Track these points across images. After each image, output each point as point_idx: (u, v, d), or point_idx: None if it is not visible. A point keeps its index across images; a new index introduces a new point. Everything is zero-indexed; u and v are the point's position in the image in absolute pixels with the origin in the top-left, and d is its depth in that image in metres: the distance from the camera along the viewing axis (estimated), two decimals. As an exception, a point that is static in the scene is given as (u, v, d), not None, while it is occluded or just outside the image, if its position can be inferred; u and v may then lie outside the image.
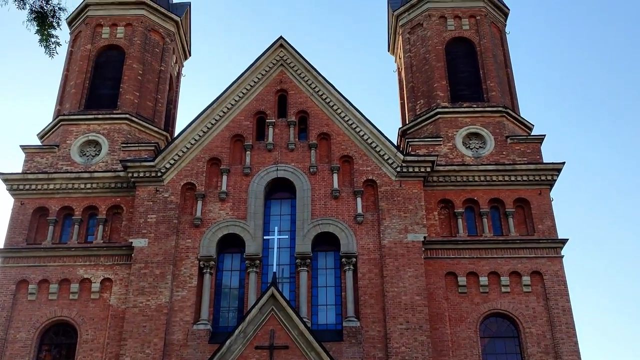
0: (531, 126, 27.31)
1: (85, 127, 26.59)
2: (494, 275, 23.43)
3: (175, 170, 24.98)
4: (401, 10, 30.50)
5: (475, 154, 25.76)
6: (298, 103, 26.43)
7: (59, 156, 25.92)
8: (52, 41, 12.95)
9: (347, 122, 25.65)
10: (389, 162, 24.72)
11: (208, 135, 25.69)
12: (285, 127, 26.05)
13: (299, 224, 23.95)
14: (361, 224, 23.83)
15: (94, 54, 28.69)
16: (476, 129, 26.28)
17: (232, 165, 25.24)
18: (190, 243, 23.71)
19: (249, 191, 24.59)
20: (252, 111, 26.33)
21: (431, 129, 26.72)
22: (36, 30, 12.72)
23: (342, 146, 25.38)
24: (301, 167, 25.06)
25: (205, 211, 24.32)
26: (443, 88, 27.50)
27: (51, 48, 13.00)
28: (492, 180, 24.99)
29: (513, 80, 29.06)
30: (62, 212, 25.07)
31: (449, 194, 24.95)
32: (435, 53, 28.38)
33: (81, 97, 27.52)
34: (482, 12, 29.39)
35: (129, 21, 29.28)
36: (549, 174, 24.99)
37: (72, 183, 25.13)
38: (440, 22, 29.21)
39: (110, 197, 25.17)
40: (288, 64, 27.03)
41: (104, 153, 26.00)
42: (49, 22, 12.65)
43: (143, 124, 27.11)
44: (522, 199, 24.84)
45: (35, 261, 23.90)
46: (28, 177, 25.15)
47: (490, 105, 26.86)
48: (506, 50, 29.67)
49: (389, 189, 24.37)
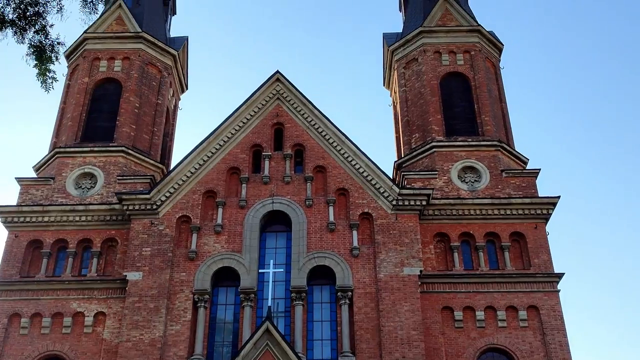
0: (526, 160, 27.45)
1: (81, 160, 26.60)
2: (491, 309, 23.30)
3: (170, 203, 24.95)
4: (396, 45, 30.87)
5: (471, 187, 25.82)
6: (294, 136, 26.55)
7: (55, 188, 25.88)
8: (49, 76, 13.04)
9: (343, 155, 25.75)
10: (384, 195, 24.75)
11: (204, 168, 25.73)
12: (281, 160, 26.13)
13: (295, 257, 23.86)
14: (357, 257, 23.76)
15: (91, 87, 28.85)
16: (471, 162, 26.39)
17: (228, 198, 25.23)
18: (184, 276, 23.55)
19: (245, 224, 24.54)
20: (248, 144, 26.42)
21: (426, 162, 26.82)
22: (34, 64, 12.81)
23: (338, 179, 25.43)
24: (297, 200, 25.06)
25: (200, 244, 24.22)
26: (438, 122, 27.69)
27: (48, 83, 13.08)
28: (488, 214, 25.02)
29: (507, 115, 29.29)
30: (56, 245, 24.94)
31: (444, 228, 24.94)
32: (430, 87, 28.64)
33: (77, 130, 27.60)
34: (477, 47, 29.75)
35: (127, 55, 29.53)
36: (544, 208, 25.03)
37: (67, 215, 25.06)
38: (435, 57, 29.54)
39: (105, 229, 25.08)
40: (284, 98, 27.23)
41: (99, 185, 25.98)
42: (47, 56, 12.75)
43: (139, 156, 27.15)
44: (518, 233, 24.84)
45: (28, 294, 23.68)
46: (23, 209, 25.06)
47: (485, 139, 27.02)
48: (500, 85, 29.97)
49: (384, 222, 24.36)
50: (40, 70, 12.92)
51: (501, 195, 25.44)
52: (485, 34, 30.35)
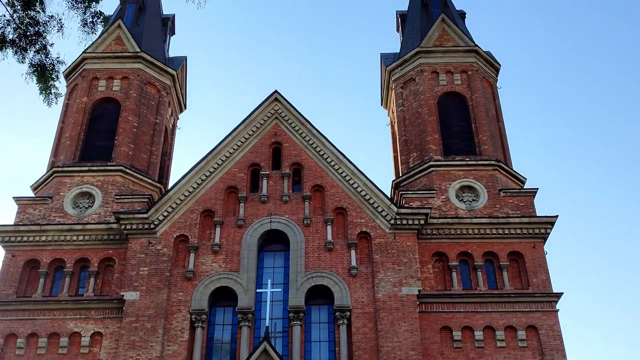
0: (524, 179, 27.50)
1: (79, 179, 26.59)
2: (489, 329, 23.19)
3: (168, 222, 24.90)
4: (394, 65, 31.05)
5: (469, 207, 25.84)
6: (292, 155, 26.60)
7: (52, 208, 25.84)
8: (53, 92, 13.12)
9: (341, 174, 25.78)
10: (382, 214, 24.74)
11: (202, 187, 25.73)
12: (279, 179, 26.15)
13: (293, 276, 23.77)
14: (355, 276, 23.68)
15: (89, 107, 28.93)
16: (469, 182, 26.43)
17: (226, 217, 25.19)
18: (182, 296, 23.44)
19: (242, 243, 24.48)
20: (246, 163, 26.46)
21: (424, 181, 26.86)
22: (36, 83, 12.88)
23: (336, 198, 25.43)
24: (295, 219, 25.04)
25: (198, 264, 24.14)
26: (436, 141, 27.78)
27: (51, 98, 13.15)
28: (486, 233, 25.00)
29: (505, 134, 29.41)
30: (53, 265, 24.84)
31: (443, 247, 24.91)
32: (428, 107, 28.76)
33: (76, 149, 27.62)
34: (474, 67, 29.94)
35: (126, 74, 29.65)
36: (542, 227, 25.03)
37: (65, 235, 24.98)
38: (433, 77, 29.71)
39: (102, 249, 24.99)
40: (282, 117, 27.33)
41: (97, 205, 25.94)
42: (48, 74, 12.82)
43: (137, 175, 27.15)
44: (516, 253, 24.80)
45: (25, 314, 23.53)
46: (20, 228, 25.00)
47: (483, 158, 27.09)
48: (498, 105, 30.12)
49: (383, 241, 24.32)
50: (42, 88, 12.99)
51: (499, 215, 25.45)
52: (482, 54, 30.57)
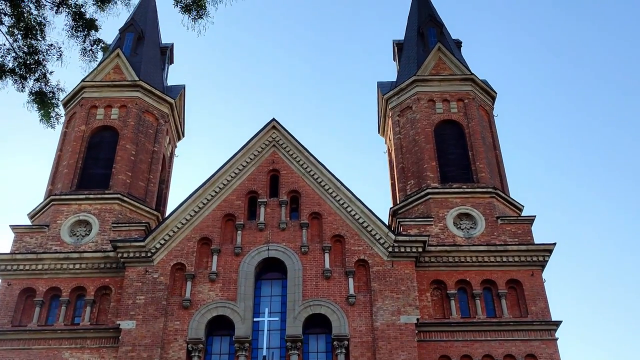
0: (521, 207, 27.53)
1: (76, 207, 26.54)
2: (488, 358, 23.02)
3: (165, 251, 24.81)
4: (391, 94, 31.27)
5: (467, 234, 25.81)
6: (290, 183, 26.62)
7: (49, 236, 25.74)
8: (53, 116, 13.20)
9: (338, 201, 25.79)
10: (380, 242, 24.69)
11: (199, 214, 25.69)
12: (277, 206, 26.12)
13: (290, 305, 23.62)
14: (353, 305, 23.53)
15: (87, 135, 28.99)
16: (466, 209, 26.45)
17: (223, 245, 25.11)
18: (178, 325, 23.24)
19: (240, 271, 24.36)
20: (244, 191, 26.46)
21: (422, 209, 26.86)
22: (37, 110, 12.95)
23: (334, 226, 25.39)
24: (292, 247, 24.96)
25: (195, 292, 23.98)
26: (433, 169, 27.85)
27: (52, 121, 13.23)
28: (484, 261, 24.95)
29: (502, 162, 29.50)
30: (49, 293, 24.66)
31: (441, 275, 24.83)
32: (425, 135, 28.89)
33: (73, 177, 27.60)
34: (470, 96, 30.15)
35: (124, 103, 29.79)
36: (540, 254, 24.99)
37: (61, 263, 24.85)
38: (429, 105, 29.90)
39: (99, 277, 24.85)
40: (280, 145, 27.41)
41: (94, 233, 25.85)
42: (49, 102, 12.89)
43: (134, 203, 27.12)
44: (515, 280, 24.73)
45: (20, 344, 23.28)
46: (16, 257, 24.86)
47: (480, 186, 27.14)
48: (494, 132, 30.27)
49: (380, 269, 24.23)
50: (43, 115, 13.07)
51: (497, 242, 25.42)
52: (478, 82, 30.82)
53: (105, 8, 12.84)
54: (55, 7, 12.78)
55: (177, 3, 12.57)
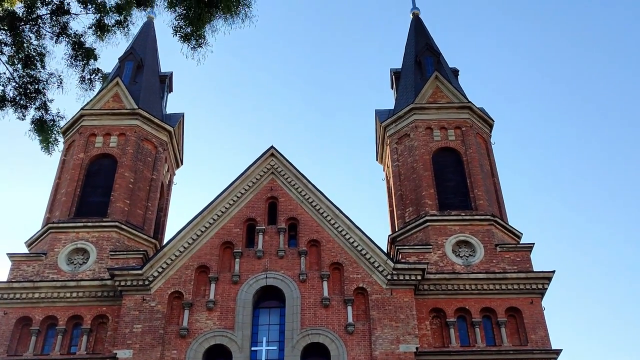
0: (520, 234, 27.49)
1: (74, 235, 26.47)
2: (489, 387, 22.80)
3: (163, 279, 24.68)
4: (389, 121, 31.43)
5: (466, 262, 25.74)
6: (288, 210, 26.60)
7: (46, 264, 25.63)
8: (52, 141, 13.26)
9: (337, 229, 25.75)
10: (379, 269, 24.59)
11: (197, 242, 25.61)
12: (275, 234, 26.07)
13: (288, 334, 23.44)
14: (352, 333, 23.35)
15: (86, 163, 29.03)
16: (465, 237, 26.41)
17: (221, 273, 24.99)
18: (176, 354, 23.02)
19: (237, 300, 24.22)
20: (242, 218, 26.42)
21: (421, 236, 26.82)
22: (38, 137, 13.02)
23: (332, 253, 25.32)
24: (291, 275, 24.85)
25: (192, 321, 23.80)
26: (431, 196, 27.87)
27: (50, 147, 13.29)
28: (483, 289, 24.84)
29: (500, 189, 29.54)
30: (45, 322, 24.47)
31: (440, 303, 24.69)
32: (423, 162, 28.97)
33: (71, 205, 27.57)
34: (467, 123, 30.31)
35: (123, 131, 29.88)
36: (539, 282, 24.89)
37: (58, 292, 24.71)
38: (427, 133, 30.04)
39: (96, 306, 24.69)
40: (279, 172, 27.46)
41: (91, 261, 25.75)
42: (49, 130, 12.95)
43: (132, 231, 27.06)
44: (514, 308, 24.60)
45: (15, 374, 23.03)
46: (13, 285, 24.73)
47: (479, 213, 27.14)
48: (492, 160, 30.37)
49: (379, 297, 24.10)
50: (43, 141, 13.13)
51: (496, 270, 25.34)
52: (475, 110, 31.01)
53: (104, 38, 12.95)
54: (55, 37, 12.90)
55: (176, 32, 12.68)
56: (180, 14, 12.40)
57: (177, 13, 12.41)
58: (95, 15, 12.80)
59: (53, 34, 12.87)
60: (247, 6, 12.31)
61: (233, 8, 12.09)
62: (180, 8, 12.27)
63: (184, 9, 12.28)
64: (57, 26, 12.82)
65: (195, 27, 12.44)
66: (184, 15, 12.38)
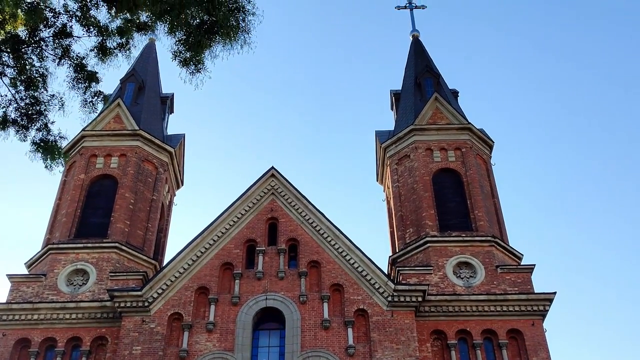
0: (520, 255, 27.43)
1: (74, 256, 26.41)
2: (490, 410, 22.59)
3: (162, 300, 24.59)
4: (389, 142, 31.52)
5: (466, 283, 25.66)
6: (288, 231, 26.57)
7: (46, 285, 25.54)
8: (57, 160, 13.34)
9: (337, 250, 25.70)
10: (379, 291, 24.50)
11: (197, 263, 25.55)
12: (275, 255, 26.01)
13: (288, 356, 23.27)
14: (352, 356, 23.19)
15: (87, 183, 29.06)
16: (466, 258, 26.35)
17: (221, 295, 24.90)
18: (175, 376, 22.85)
19: (237, 321, 24.10)
20: (242, 239, 26.38)
21: (421, 257, 26.76)
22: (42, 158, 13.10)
23: (333, 274, 25.24)
24: (291, 296, 24.74)
25: (192, 343, 23.66)
26: (432, 217, 27.85)
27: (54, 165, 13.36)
28: (484, 310, 24.73)
29: (500, 210, 29.52)
30: (44, 344, 24.32)
31: (441, 325, 24.57)
32: (423, 183, 29.00)
33: (71, 226, 27.55)
34: (467, 144, 30.38)
35: (124, 152, 29.96)
36: (540, 304, 24.79)
37: (57, 313, 24.60)
38: (427, 154, 30.11)
39: (95, 327, 24.57)
40: (279, 193, 27.47)
41: (91, 282, 25.67)
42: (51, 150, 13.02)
43: (132, 252, 27.02)
44: (516, 330, 24.46)
45: (13, 396, 22.85)
46: (12, 307, 24.62)
47: (479, 234, 27.10)
48: (492, 181, 30.39)
49: (380, 319, 23.98)
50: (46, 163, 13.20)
51: (497, 291, 25.24)
52: (475, 131, 31.10)
53: (106, 60, 13.06)
54: (57, 59, 13.01)
55: (176, 57, 12.78)
56: (180, 39, 12.50)
57: (177, 38, 12.52)
58: (97, 38, 12.92)
59: (55, 57, 12.99)
60: (246, 32, 12.41)
61: (232, 34, 12.18)
62: (180, 33, 12.37)
63: (184, 34, 12.38)
64: (59, 49, 12.95)
65: (195, 53, 12.53)
66: (184, 41, 12.48)
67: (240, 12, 12.16)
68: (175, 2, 11.51)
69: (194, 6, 11.72)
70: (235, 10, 12.10)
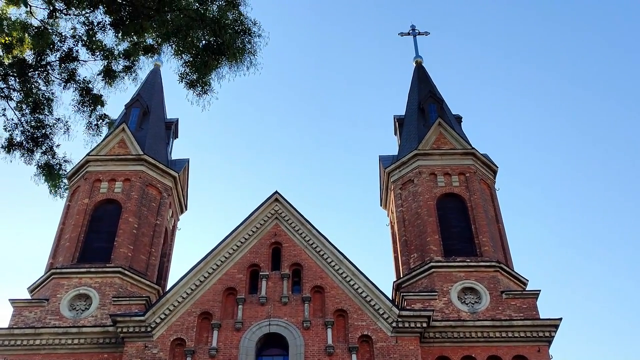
0: (525, 281, 27.24)
1: (76, 281, 26.31)
2: None
3: (165, 325, 24.41)
4: (392, 167, 31.53)
5: (471, 309, 25.44)
6: (292, 256, 26.46)
7: (48, 310, 25.41)
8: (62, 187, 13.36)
9: (341, 275, 25.55)
10: (384, 316, 24.30)
11: (200, 288, 25.41)
12: (278, 280, 25.86)
13: (292, 383, 23.01)
14: (356, 382, 22.93)
15: (90, 208, 29.05)
16: (471, 283, 26.17)
17: (224, 320, 24.71)
18: (177, 403, 22.59)
19: (240, 347, 23.87)
20: (245, 264, 26.26)
21: (426, 282, 26.59)
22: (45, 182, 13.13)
23: (337, 300, 25.05)
24: (294, 322, 24.54)
25: (195, 368, 23.42)
26: (436, 242, 27.74)
27: (60, 192, 13.37)
28: (490, 336, 24.48)
29: (505, 235, 29.40)
30: (46, 369, 24.12)
31: (446, 351, 24.30)
32: (427, 208, 28.94)
33: (75, 251, 27.49)
34: (471, 169, 30.37)
35: (128, 176, 30.00)
36: (546, 330, 24.55)
37: (60, 338, 24.42)
38: (431, 178, 30.09)
39: (97, 352, 24.37)
40: (283, 217, 27.41)
41: (94, 307, 25.53)
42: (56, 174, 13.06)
43: (135, 277, 26.91)
44: (521, 356, 24.18)
45: (13, 423, 22.60)
46: (14, 332, 24.46)
47: (484, 260, 26.95)
48: (496, 206, 30.31)
49: (384, 345, 23.75)
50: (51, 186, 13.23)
51: (502, 317, 25.02)
52: (479, 157, 31.10)
53: (113, 84, 13.16)
54: (64, 83, 13.11)
55: (182, 79, 12.87)
56: (187, 61, 12.61)
57: (184, 60, 12.63)
58: (103, 61, 13.03)
59: (61, 80, 13.09)
60: (252, 54, 12.51)
61: (238, 56, 12.29)
62: (186, 55, 12.48)
63: (191, 56, 12.49)
64: (65, 73, 13.05)
65: (201, 74, 12.64)
66: (190, 63, 12.59)
67: (246, 34, 12.28)
68: (182, 24, 11.63)
69: (200, 29, 11.84)
70: (241, 33, 12.21)
